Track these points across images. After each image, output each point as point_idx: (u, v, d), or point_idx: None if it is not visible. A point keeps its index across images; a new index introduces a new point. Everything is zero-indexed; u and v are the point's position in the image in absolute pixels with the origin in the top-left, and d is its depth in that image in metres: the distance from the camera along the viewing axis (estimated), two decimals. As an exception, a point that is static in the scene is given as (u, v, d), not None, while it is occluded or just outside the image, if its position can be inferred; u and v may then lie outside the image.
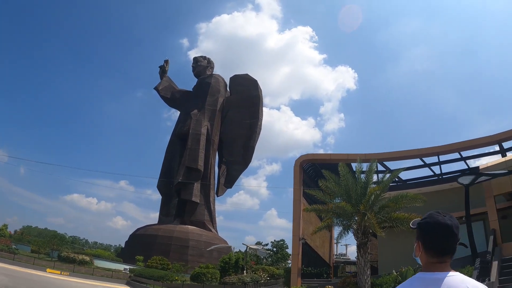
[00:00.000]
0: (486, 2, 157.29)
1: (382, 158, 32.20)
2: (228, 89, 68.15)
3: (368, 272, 19.98)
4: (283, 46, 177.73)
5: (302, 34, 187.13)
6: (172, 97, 66.62)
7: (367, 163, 26.20)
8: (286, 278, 33.07)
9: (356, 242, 20.74)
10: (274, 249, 68.61)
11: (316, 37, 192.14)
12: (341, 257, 66.86)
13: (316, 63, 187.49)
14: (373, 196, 19.33)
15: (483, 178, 21.23)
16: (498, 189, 22.71)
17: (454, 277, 2.26)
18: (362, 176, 21.61)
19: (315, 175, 34.92)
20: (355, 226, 20.25)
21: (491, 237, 20.46)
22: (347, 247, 76.10)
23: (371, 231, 19.95)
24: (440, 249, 2.34)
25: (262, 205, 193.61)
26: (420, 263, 2.46)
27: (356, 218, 19.96)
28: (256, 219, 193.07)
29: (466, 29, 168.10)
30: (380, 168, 33.09)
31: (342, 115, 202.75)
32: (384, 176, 21.69)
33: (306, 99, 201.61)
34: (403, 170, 34.60)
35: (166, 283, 38.33)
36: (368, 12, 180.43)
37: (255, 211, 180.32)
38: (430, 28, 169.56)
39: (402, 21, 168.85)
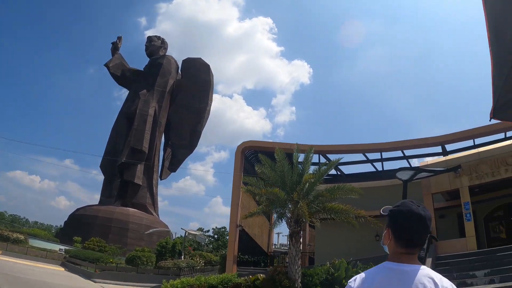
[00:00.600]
0: (444, 12, 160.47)
1: (325, 151, 31.85)
2: (179, 71, 66.79)
3: (299, 262, 19.31)
4: (242, 35, 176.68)
5: (262, 24, 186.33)
6: (122, 75, 64.29)
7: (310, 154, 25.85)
8: (222, 265, 32.44)
9: (289, 231, 20.04)
10: (216, 236, 67.75)
11: (276, 29, 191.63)
12: (282, 247, 66.75)
13: (273, 54, 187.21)
14: (307, 184, 18.60)
15: (422, 174, 20.89)
16: (436, 187, 22.59)
17: (421, 270, 2.20)
18: (301, 166, 20.96)
19: (257, 162, 34.24)
20: (289, 214, 19.52)
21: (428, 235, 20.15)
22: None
23: (303, 220, 19.27)
24: (410, 239, 2.26)
25: (208, 192, 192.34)
26: (387, 252, 2.40)
27: (290, 206, 19.22)
28: (201, 206, 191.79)
29: (423, 36, 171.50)
30: (324, 161, 32.77)
31: (293, 108, 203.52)
32: (322, 166, 21.01)
33: (260, 89, 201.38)
34: (346, 164, 34.56)
35: (101, 265, 36.85)
36: (329, 10, 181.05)
37: (200, 197, 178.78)
38: (389, 31, 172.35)
39: (362, 22, 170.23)
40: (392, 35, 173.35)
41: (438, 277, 2.18)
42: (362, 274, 2.33)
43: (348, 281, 2.39)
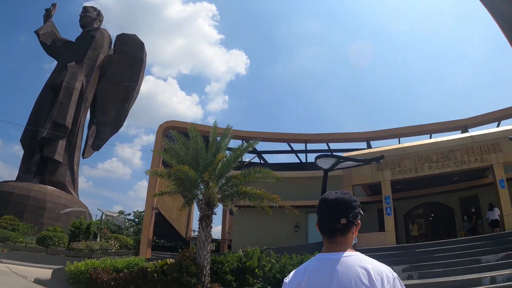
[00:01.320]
0: (382, 18, 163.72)
1: (248, 137, 30.78)
2: (112, 46, 63.71)
3: (209, 248, 18.00)
4: (183, 18, 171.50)
5: (206, 10, 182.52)
6: (52, 44, 60.31)
7: (234, 140, 24.70)
8: (136, 249, 31.04)
9: (199, 214, 18.70)
10: (136, 219, 65.40)
11: (219, 16, 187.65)
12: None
13: (213, 42, 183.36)
14: (220, 164, 17.24)
15: (344, 164, 20.01)
16: (357, 178, 21.89)
17: (352, 257, 2.12)
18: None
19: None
20: (200, 196, 18.15)
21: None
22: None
23: (215, 203, 17.96)
24: (324, 227, 2.22)
25: (134, 175, 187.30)
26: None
27: (202, 187, 17.85)
28: (126, 189, 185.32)
29: (360, 40, 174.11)
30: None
31: (227, 97, 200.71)
32: (239, 147, 19.73)
33: (195, 75, 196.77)
34: (270, 153, 33.76)
35: (9, 245, 34.30)
36: (273, 6, 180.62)
37: (126, 180, 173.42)
38: (328, 33, 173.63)
39: (303, 20, 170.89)
40: (331, 36, 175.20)
41: (370, 262, 2.11)
42: (296, 269, 2.25)
43: (284, 279, 2.28)
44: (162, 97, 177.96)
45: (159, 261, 18.71)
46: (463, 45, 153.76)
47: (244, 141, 30.88)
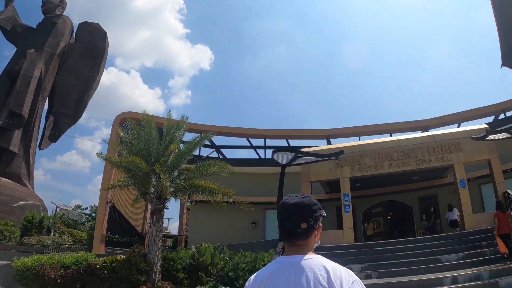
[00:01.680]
0: (349, 20, 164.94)
1: (207, 131, 29.67)
2: (74, 35, 61.07)
3: (160, 244, 17.09)
4: (150, 10, 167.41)
5: (172, 3, 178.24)
6: (12, 30, 57.46)
7: (192, 134, 23.84)
8: (90, 244, 29.84)
9: (150, 208, 17.80)
10: (93, 214, 63.54)
11: (185, 10, 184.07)
12: (165, 231, 64.17)
13: (178, 35, 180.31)
14: (173, 155, 16.36)
15: (302, 160, 19.41)
16: (316, 175, 21.27)
17: (312, 259, 2.13)
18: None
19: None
20: (153, 189, 17.24)
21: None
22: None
23: (166, 197, 17.08)
24: (284, 231, 2.23)
25: (94, 168, 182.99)
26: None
27: (154, 180, 16.93)
28: (85, 183, 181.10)
29: (327, 41, 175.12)
30: (207, 143, 31.05)
31: (189, 92, 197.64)
32: (194, 139, 18.84)
33: (159, 69, 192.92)
34: (228, 148, 32.99)
35: (-48, 241, 32.58)
36: (242, 2, 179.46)
37: (85, 173, 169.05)
38: (296, 33, 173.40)
39: (271, 18, 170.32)
40: (299, 36, 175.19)
41: (330, 265, 2.13)
42: (257, 272, 2.23)
43: (245, 283, 2.26)
44: (125, 89, 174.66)
45: (110, 257, 17.81)
46: (427, 50, 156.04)
47: (201, 135, 30.12)
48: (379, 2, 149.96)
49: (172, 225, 74.50)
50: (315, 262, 2.10)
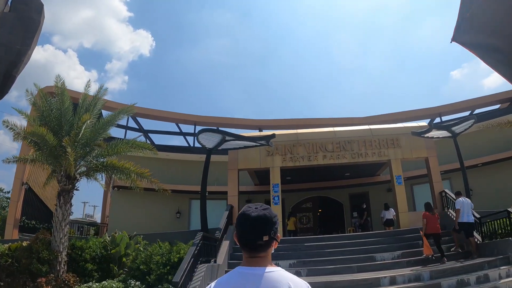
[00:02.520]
0: (294, 23, 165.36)
1: (135, 113, 27.84)
2: (8, 3, 56.17)
3: (66, 230, 14.78)
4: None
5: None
6: None
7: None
8: (2, 230, 26.85)
9: (58, 188, 15.43)
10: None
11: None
12: (88, 218, 60.53)
13: (121, 18, 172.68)
14: (85, 127, 14.05)
15: (230, 145, 17.40)
16: (244, 163, 19.38)
17: (275, 272, 2.15)
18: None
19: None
20: (61, 167, 14.89)
21: (226, 213, 17.07)
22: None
23: (77, 176, 14.87)
24: (246, 243, 2.16)
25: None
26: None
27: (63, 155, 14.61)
28: (12, 165, 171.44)
29: (268, 41, 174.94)
30: (135, 126, 28.88)
31: (126, 77, 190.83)
32: (113, 114, 16.62)
33: (97, 50, 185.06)
34: (157, 133, 30.75)
35: None
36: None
37: (13, 154, 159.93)
38: (239, 28, 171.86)
39: (216, 10, 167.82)
40: (240, 30, 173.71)
41: (292, 278, 2.14)
42: (217, 280, 2.17)
43: None
44: (60, 69, 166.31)
45: (14, 244, 15.35)
46: (365, 54, 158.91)
47: (129, 117, 27.96)
48: (324, 4, 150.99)
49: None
50: (277, 276, 2.11)
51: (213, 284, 2.16)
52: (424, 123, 22.20)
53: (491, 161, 24.13)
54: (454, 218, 14.26)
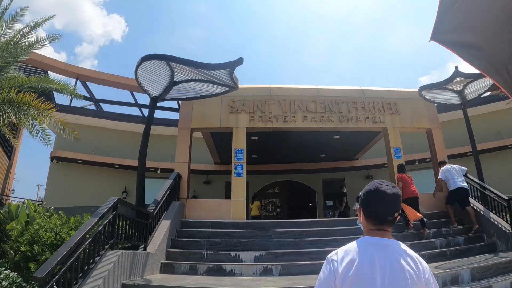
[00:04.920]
0: (270, 18, 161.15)
1: (85, 76, 22.49)
2: None
3: None
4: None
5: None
6: None
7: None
8: None
9: None
10: None
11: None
12: (41, 200, 53.54)
13: (96, 1, 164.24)
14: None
15: (183, 92, 12.02)
16: (200, 121, 13.75)
17: (397, 244, 2.08)
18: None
19: None
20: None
21: (169, 182, 11.61)
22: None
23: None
24: (378, 216, 2.13)
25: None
26: (362, 229, 2.23)
27: None
28: None
29: (241, 33, 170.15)
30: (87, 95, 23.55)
31: (96, 62, 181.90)
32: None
33: (68, 32, 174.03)
34: (109, 103, 25.35)
35: None
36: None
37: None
38: (215, 19, 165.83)
39: (193, 0, 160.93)
40: (216, 22, 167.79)
41: (411, 250, 2.08)
42: (344, 248, 2.11)
43: (329, 256, 2.14)
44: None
45: None
46: (334, 57, 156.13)
47: (79, 81, 22.87)
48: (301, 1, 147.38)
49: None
50: (401, 247, 2.07)
51: (340, 251, 2.10)
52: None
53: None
54: (434, 191, 12.01)
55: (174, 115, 29.95)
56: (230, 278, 8.21)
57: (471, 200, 11.56)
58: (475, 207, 11.24)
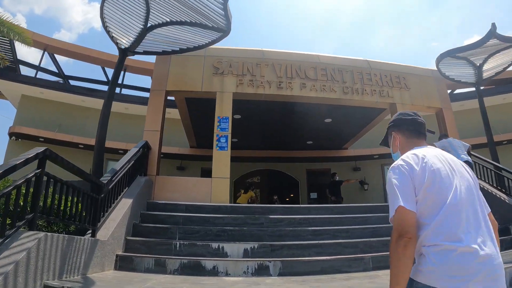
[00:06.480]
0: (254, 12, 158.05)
1: (53, 47, 19.50)
2: None
3: None
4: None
5: None
6: None
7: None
8: None
9: None
10: None
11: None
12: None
13: None
14: None
15: (161, 39, 9.35)
16: (177, 83, 11.07)
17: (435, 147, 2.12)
18: None
19: None
20: None
21: (134, 150, 8.79)
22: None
23: None
24: (416, 130, 2.23)
25: None
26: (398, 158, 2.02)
27: None
28: None
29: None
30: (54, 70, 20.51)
31: None
32: None
33: (47, 18, 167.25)
34: (79, 80, 22.29)
35: None
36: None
37: None
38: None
39: None
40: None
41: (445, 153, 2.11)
42: (403, 157, 1.96)
43: (394, 164, 1.95)
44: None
45: None
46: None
47: (46, 52, 19.94)
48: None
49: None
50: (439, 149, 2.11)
51: (404, 158, 1.96)
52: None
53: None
54: None
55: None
56: (212, 280, 5.52)
57: (483, 183, 9.56)
58: (489, 190, 9.38)
